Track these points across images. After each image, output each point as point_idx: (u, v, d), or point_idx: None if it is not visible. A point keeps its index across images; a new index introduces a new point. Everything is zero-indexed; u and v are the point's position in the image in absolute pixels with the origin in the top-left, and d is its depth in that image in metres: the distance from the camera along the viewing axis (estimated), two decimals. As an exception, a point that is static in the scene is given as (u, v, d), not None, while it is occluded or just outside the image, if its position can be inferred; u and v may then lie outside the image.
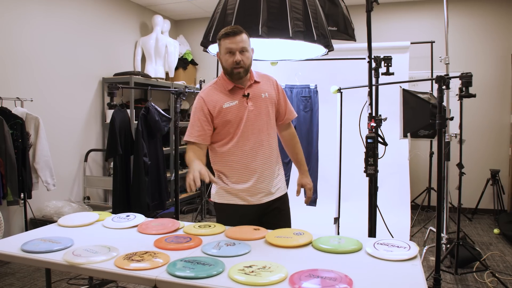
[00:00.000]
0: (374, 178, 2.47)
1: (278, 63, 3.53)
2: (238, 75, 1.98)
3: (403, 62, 4.61)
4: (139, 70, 5.55)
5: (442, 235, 3.61)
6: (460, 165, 3.48)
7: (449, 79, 2.42)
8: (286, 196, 2.22)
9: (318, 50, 2.40)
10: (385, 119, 2.57)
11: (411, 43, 4.79)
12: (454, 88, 3.93)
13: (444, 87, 2.38)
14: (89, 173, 4.84)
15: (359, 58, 3.68)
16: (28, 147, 3.64)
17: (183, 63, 6.16)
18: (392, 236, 3.30)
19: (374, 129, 2.48)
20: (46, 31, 4.27)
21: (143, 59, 5.71)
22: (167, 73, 5.96)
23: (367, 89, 2.65)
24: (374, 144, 2.42)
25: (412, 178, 4.91)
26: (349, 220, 3.90)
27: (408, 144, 4.58)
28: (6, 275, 3.34)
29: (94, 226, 2.03)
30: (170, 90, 3.62)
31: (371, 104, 2.59)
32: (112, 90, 3.32)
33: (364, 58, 2.83)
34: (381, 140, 2.51)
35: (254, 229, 1.88)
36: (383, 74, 3.15)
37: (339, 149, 3.62)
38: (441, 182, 2.44)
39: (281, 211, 2.17)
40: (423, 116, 3.44)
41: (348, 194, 4.39)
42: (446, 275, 3.29)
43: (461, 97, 2.65)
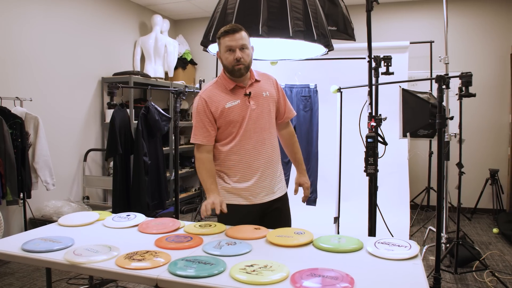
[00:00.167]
0: (374, 177, 2.47)
1: (278, 62, 3.54)
2: (239, 72, 1.98)
3: (403, 62, 4.62)
4: (138, 69, 5.55)
5: (442, 234, 3.61)
6: (459, 165, 3.48)
7: (449, 79, 2.43)
8: (286, 196, 2.23)
9: (318, 50, 2.40)
10: (385, 119, 2.57)
11: (410, 43, 4.79)
12: (453, 88, 3.93)
13: (444, 86, 2.38)
14: (89, 173, 4.84)
15: (359, 58, 3.69)
16: (27, 147, 3.63)
17: (182, 62, 6.16)
18: (392, 236, 3.30)
19: (374, 129, 2.48)
20: (46, 31, 4.26)
21: (142, 58, 5.71)
22: (166, 73, 5.96)
23: (367, 88, 2.65)
24: (374, 143, 2.42)
25: (411, 178, 4.92)
26: (349, 219, 3.90)
27: (408, 143, 4.59)
28: (5, 275, 3.34)
29: (95, 226, 2.03)
30: (170, 90, 3.62)
31: (371, 103, 2.59)
32: (112, 89, 3.32)
33: (364, 58, 2.83)
34: (381, 140, 2.51)
35: (255, 228, 1.89)
36: (383, 73, 3.15)
37: (339, 149, 3.63)
38: (441, 182, 2.44)
39: (282, 212, 2.18)
40: (422, 116, 3.45)
41: (347, 194, 4.39)
42: (446, 274, 3.29)
43: (461, 96, 2.65)
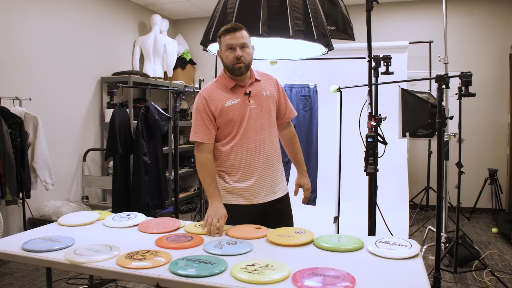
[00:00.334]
0: (374, 177, 2.47)
1: (278, 62, 3.54)
2: (239, 71, 1.98)
3: (402, 61, 4.62)
4: (137, 69, 5.54)
5: (441, 234, 3.62)
6: (459, 164, 3.49)
7: (449, 79, 2.43)
8: (287, 196, 2.21)
9: (318, 49, 2.40)
10: (385, 118, 2.58)
11: (410, 43, 4.79)
12: (453, 88, 3.93)
13: (443, 86, 2.39)
14: (88, 172, 4.83)
15: (359, 58, 3.69)
16: (26, 147, 3.63)
17: (181, 62, 6.15)
18: (392, 235, 3.31)
19: (374, 128, 2.48)
20: (45, 31, 4.26)
21: (142, 58, 5.70)
22: (165, 73, 5.95)
23: (367, 88, 2.65)
24: (374, 143, 2.42)
25: (410, 178, 4.92)
26: (348, 219, 3.90)
27: (407, 143, 4.59)
28: (4, 275, 3.33)
29: (95, 225, 2.03)
30: (170, 90, 3.61)
31: (371, 103, 2.60)
32: (112, 89, 3.31)
33: (363, 58, 2.83)
34: (380, 139, 2.51)
35: (255, 228, 1.89)
36: (382, 73, 3.16)
37: (338, 149, 3.63)
38: (441, 181, 2.45)
39: (283, 213, 2.16)
40: (422, 116, 3.45)
41: (347, 194, 4.39)
42: (445, 274, 3.30)
43: (461, 96, 2.66)
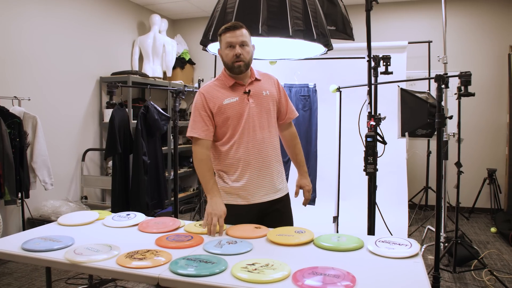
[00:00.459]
0: (373, 176, 2.48)
1: (277, 62, 3.54)
2: (238, 69, 1.99)
3: (401, 61, 4.62)
4: (136, 69, 5.54)
5: (441, 233, 3.62)
6: (458, 164, 3.49)
7: (448, 78, 2.43)
8: (287, 197, 2.19)
9: (318, 49, 2.40)
10: (384, 118, 2.58)
11: (409, 43, 4.80)
12: (451, 88, 3.94)
13: (443, 86, 2.39)
14: (87, 172, 4.83)
15: (358, 58, 3.69)
16: (25, 146, 3.62)
17: (180, 62, 6.15)
18: (392, 235, 3.31)
19: (374, 128, 2.48)
20: (44, 30, 4.25)
21: (141, 58, 5.70)
22: (164, 73, 5.95)
23: (366, 88, 2.65)
24: (373, 142, 2.42)
25: (409, 177, 4.92)
26: (348, 218, 3.91)
27: (406, 143, 4.59)
28: (3, 275, 3.33)
29: (94, 225, 2.03)
30: (169, 89, 3.61)
31: (370, 103, 2.60)
32: (111, 88, 3.31)
33: (363, 58, 2.83)
34: (380, 139, 2.52)
35: (255, 227, 1.89)
36: (382, 73, 3.16)
37: (338, 148, 3.63)
38: (440, 181, 2.45)
39: (283, 214, 2.14)
40: (421, 116, 3.45)
41: (346, 193, 4.39)
42: (444, 273, 3.30)
43: (460, 96, 2.66)
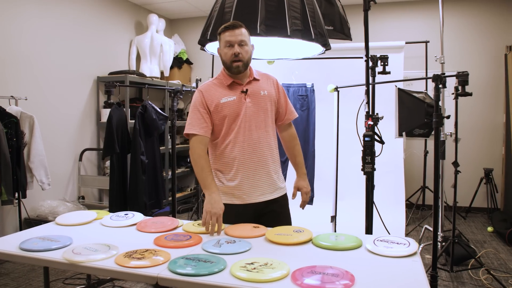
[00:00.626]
0: (371, 176, 2.48)
1: (275, 62, 3.54)
2: (237, 69, 1.99)
3: (398, 61, 4.64)
4: (134, 69, 5.53)
5: (438, 233, 3.63)
6: (455, 164, 3.51)
7: (446, 78, 2.44)
8: (284, 198, 2.17)
9: (316, 49, 2.41)
10: (382, 118, 2.58)
11: (406, 43, 4.81)
12: (449, 88, 3.96)
13: (441, 86, 2.40)
14: (84, 172, 4.82)
15: (356, 57, 3.70)
16: (22, 146, 3.61)
17: (178, 62, 6.15)
18: (389, 234, 3.32)
19: (371, 128, 2.49)
20: (41, 30, 4.24)
21: (138, 58, 5.69)
22: (162, 72, 5.94)
23: (364, 88, 2.66)
24: (371, 142, 2.43)
25: (406, 177, 4.94)
26: (345, 218, 3.92)
27: (403, 143, 4.62)
28: (0, 275, 3.31)
29: (92, 225, 2.02)
30: (167, 89, 3.61)
31: (368, 102, 2.60)
32: (109, 88, 3.30)
33: (361, 58, 2.84)
34: (378, 139, 2.52)
35: (254, 226, 1.89)
36: (379, 73, 3.17)
37: (335, 148, 3.64)
38: (437, 181, 2.46)
39: (279, 214, 2.12)
40: (418, 115, 3.46)
41: (344, 193, 4.40)
42: (442, 272, 3.31)
43: (457, 95, 2.67)
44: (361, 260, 1.50)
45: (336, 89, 3.62)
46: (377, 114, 2.58)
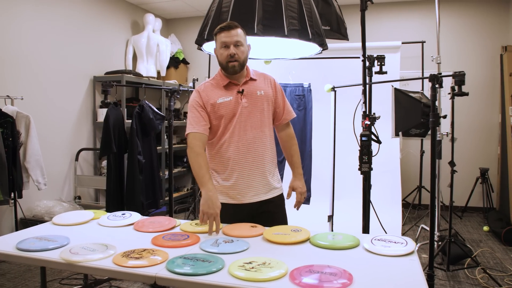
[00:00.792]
0: (368, 175, 2.49)
1: (272, 61, 3.55)
2: (232, 69, 1.99)
3: (395, 61, 4.65)
4: (130, 68, 5.52)
5: (434, 232, 3.65)
6: (452, 163, 3.52)
7: (442, 78, 2.45)
8: (279, 198, 2.16)
9: (313, 49, 2.41)
10: (379, 118, 2.59)
11: (402, 43, 4.83)
12: (445, 88, 3.97)
13: (437, 85, 2.41)
14: (80, 172, 4.80)
15: (353, 57, 3.71)
16: (18, 146, 3.59)
17: (174, 62, 6.14)
18: (386, 233, 3.32)
19: (368, 127, 2.49)
20: (37, 29, 4.22)
21: (135, 57, 5.68)
22: (158, 72, 5.93)
23: (361, 88, 2.66)
24: (368, 142, 2.43)
25: (403, 177, 4.96)
26: (342, 217, 3.92)
27: (400, 142, 4.62)
28: (-4, 275, 3.30)
29: (90, 225, 2.02)
30: (164, 89, 3.60)
31: (365, 102, 2.61)
32: (106, 87, 3.29)
33: (358, 57, 2.84)
34: (375, 138, 2.53)
35: (251, 226, 1.89)
36: (376, 73, 3.18)
37: (332, 148, 3.64)
38: (434, 180, 2.47)
39: (274, 215, 2.11)
40: (414, 115, 3.48)
41: (341, 192, 4.41)
42: (438, 271, 3.33)
43: (454, 95, 2.68)
44: (359, 259, 1.50)
45: (333, 89, 3.63)
46: (374, 114, 2.58)
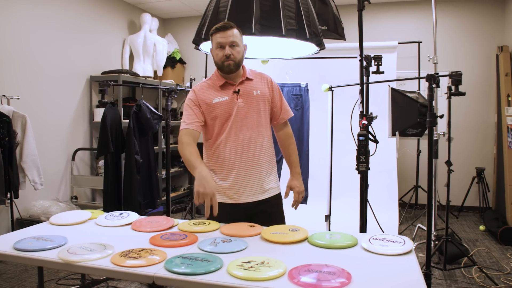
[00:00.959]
0: (365, 175, 2.49)
1: (269, 61, 3.55)
2: (228, 69, 2.00)
3: (391, 61, 4.66)
4: (127, 68, 5.50)
5: (431, 231, 3.66)
6: (448, 163, 3.53)
7: (439, 78, 2.46)
8: (276, 198, 2.16)
9: (310, 49, 2.41)
10: (376, 117, 2.60)
11: (399, 43, 4.84)
12: (441, 87, 3.99)
13: (434, 85, 2.42)
14: (77, 172, 4.78)
15: (350, 57, 3.71)
16: (15, 146, 3.58)
17: (171, 61, 6.13)
18: (384, 232, 3.33)
19: (366, 127, 2.50)
20: (34, 29, 4.20)
21: (131, 57, 5.66)
22: (155, 72, 5.92)
23: (358, 87, 2.67)
24: (365, 141, 2.44)
25: (399, 176, 4.97)
26: (339, 217, 3.93)
27: (397, 142, 4.64)
28: (-8, 276, 3.29)
29: (87, 224, 2.01)
30: (161, 88, 3.60)
31: (362, 102, 2.61)
32: (103, 87, 3.28)
33: (355, 57, 2.85)
34: (372, 138, 2.53)
35: (249, 225, 1.89)
36: (373, 72, 3.19)
37: (330, 147, 3.65)
38: (431, 180, 2.48)
39: (270, 215, 2.11)
40: (411, 115, 3.49)
41: (338, 192, 4.42)
42: (435, 271, 3.34)
43: (451, 95, 2.69)
44: (357, 258, 1.51)
45: (330, 88, 3.63)
46: (371, 113, 2.59)
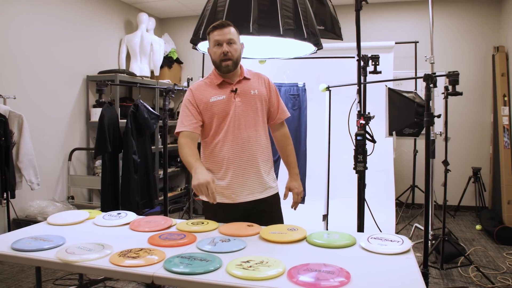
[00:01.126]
0: (363, 175, 2.50)
1: (267, 61, 3.55)
2: (226, 68, 2.00)
3: (388, 61, 4.68)
4: (124, 68, 5.49)
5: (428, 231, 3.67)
6: (445, 162, 3.55)
7: (436, 78, 2.47)
8: (274, 197, 2.16)
9: (308, 48, 2.41)
10: (373, 117, 2.60)
11: (395, 43, 4.86)
12: (438, 87, 4.00)
13: (431, 85, 2.43)
14: (74, 172, 4.77)
15: (347, 57, 3.72)
16: (11, 146, 3.56)
17: (168, 61, 6.12)
18: (381, 232, 3.34)
19: (363, 127, 2.50)
20: (30, 28, 4.19)
21: (128, 57, 5.65)
22: (152, 72, 5.91)
23: (356, 87, 2.67)
24: (363, 141, 2.44)
25: (396, 176, 4.99)
26: (337, 217, 3.93)
27: (394, 142, 4.65)
28: (-11, 276, 3.27)
29: (85, 224, 2.00)
30: (159, 88, 3.59)
31: (360, 101, 2.62)
32: (100, 87, 3.28)
33: (353, 57, 2.85)
34: (369, 138, 2.54)
35: (248, 225, 1.89)
36: (370, 72, 3.20)
37: (327, 147, 3.66)
38: (428, 179, 2.48)
39: (268, 214, 2.11)
40: (408, 115, 3.50)
41: (335, 192, 4.42)
42: (432, 270, 3.35)
43: (448, 95, 2.70)
44: (356, 257, 1.51)
45: (328, 88, 3.64)
46: (369, 113, 2.60)
